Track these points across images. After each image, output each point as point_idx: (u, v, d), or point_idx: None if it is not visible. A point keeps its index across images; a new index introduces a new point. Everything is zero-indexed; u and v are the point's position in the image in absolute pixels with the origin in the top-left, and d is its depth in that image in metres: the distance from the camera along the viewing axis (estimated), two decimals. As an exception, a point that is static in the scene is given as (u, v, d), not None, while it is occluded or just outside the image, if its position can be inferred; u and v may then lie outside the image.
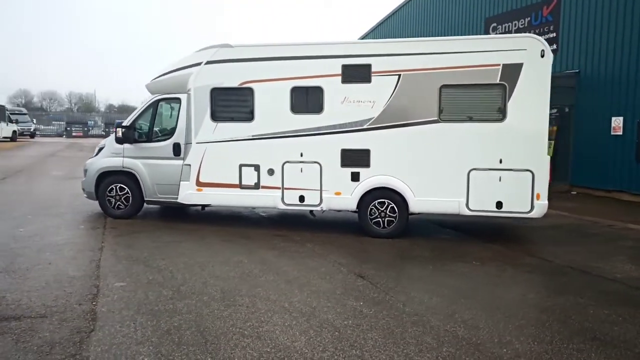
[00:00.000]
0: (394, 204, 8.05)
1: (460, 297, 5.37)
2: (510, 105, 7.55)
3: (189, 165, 8.59)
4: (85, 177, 9.37)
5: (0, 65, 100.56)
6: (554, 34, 15.11)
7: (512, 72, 7.51)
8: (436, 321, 4.67)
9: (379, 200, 8.10)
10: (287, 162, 8.26)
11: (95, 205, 9.48)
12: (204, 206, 9.36)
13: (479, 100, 7.75)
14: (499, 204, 7.70)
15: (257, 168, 8.38)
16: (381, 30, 25.03)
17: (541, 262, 6.91)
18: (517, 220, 9.07)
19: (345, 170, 8.13)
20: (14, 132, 36.22)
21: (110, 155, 9.18)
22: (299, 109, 8.18)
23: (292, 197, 8.32)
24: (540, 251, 7.54)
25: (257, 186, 8.42)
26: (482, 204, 7.77)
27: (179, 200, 8.72)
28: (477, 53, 7.63)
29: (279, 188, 8.34)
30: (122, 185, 9.08)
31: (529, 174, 7.57)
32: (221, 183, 8.53)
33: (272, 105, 8.25)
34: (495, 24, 17.56)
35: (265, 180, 8.38)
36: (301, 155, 8.23)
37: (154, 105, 9.03)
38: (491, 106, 7.69)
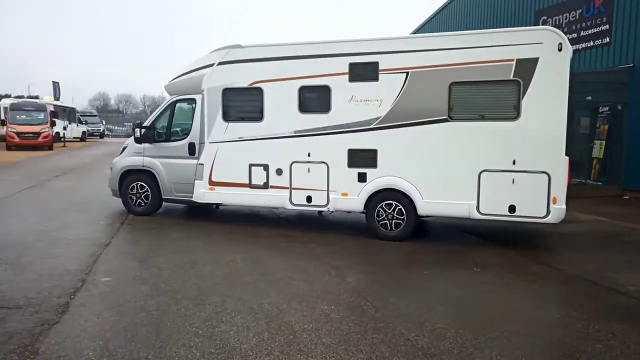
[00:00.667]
0: (402, 206, 7.80)
1: (441, 304, 5.11)
2: (524, 102, 7.09)
3: (202, 164, 8.75)
4: (111, 175, 9.81)
5: (82, 71, 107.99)
6: (607, 26, 14.09)
7: (526, 67, 7.06)
8: (402, 329, 4.47)
9: (386, 202, 7.88)
10: (295, 162, 8.23)
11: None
12: (217, 205, 9.53)
13: (491, 97, 7.34)
14: (512, 208, 7.25)
15: (266, 168, 8.41)
16: (430, 26, 24.43)
17: (550, 271, 6.45)
18: (546, 226, 8.47)
19: (352, 171, 7.97)
20: (84, 132, 38.71)
21: (133, 154, 9.55)
22: (306, 108, 8.12)
23: (299, 198, 8.27)
24: (554, 259, 7.04)
25: (265, 186, 8.44)
26: (493, 207, 7.36)
27: (193, 199, 8.91)
28: (489, 48, 7.23)
29: (287, 188, 8.32)
30: (142, 184, 9.43)
31: (545, 176, 7.08)
32: (232, 182, 8.63)
33: (280, 105, 8.25)
34: (545, 17, 16.64)
35: (274, 180, 8.39)
36: (309, 155, 8.16)
37: (172, 106, 9.30)
38: (504, 104, 7.27)
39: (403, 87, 7.60)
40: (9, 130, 27.40)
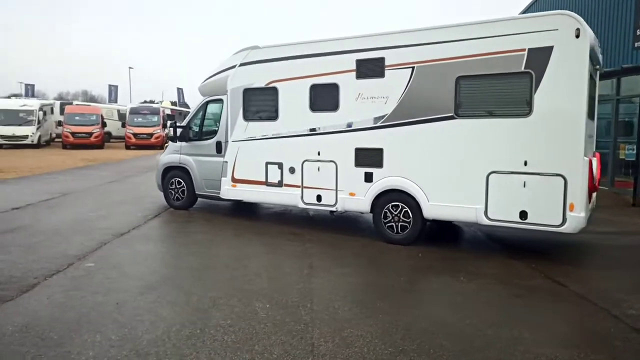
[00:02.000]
0: (408, 208, 7.41)
1: (384, 313, 4.79)
2: (537, 97, 6.35)
3: (227, 162, 9.07)
4: (156, 171, 10.57)
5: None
6: None
7: (539, 57, 6.31)
8: (316, 333, 4.29)
9: (393, 204, 7.54)
10: (306, 160, 8.19)
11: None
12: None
13: (500, 92, 6.69)
14: (523, 214, 6.53)
15: (280, 166, 8.48)
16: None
17: (550, 286, 5.70)
18: (596, 237, 7.64)
19: (359, 170, 7.74)
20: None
21: (172, 152, 10.21)
22: (317, 107, 8.05)
23: (310, 196, 8.22)
24: (569, 273, 6.17)
25: (280, 184, 8.52)
26: (502, 212, 6.68)
27: (220, 195, 9.27)
28: (498, 38, 6.59)
29: (299, 186, 8.32)
30: (179, 179, 10.03)
31: (560, 179, 6.27)
32: (251, 180, 8.83)
33: (293, 104, 8.27)
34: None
35: (288, 178, 8.43)
36: (318, 154, 8.08)
37: (204, 106, 9.78)
38: (515, 99, 6.58)
39: (409, 83, 7.22)
40: (127, 132, 30.68)
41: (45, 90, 77.04)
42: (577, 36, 6.09)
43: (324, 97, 7.98)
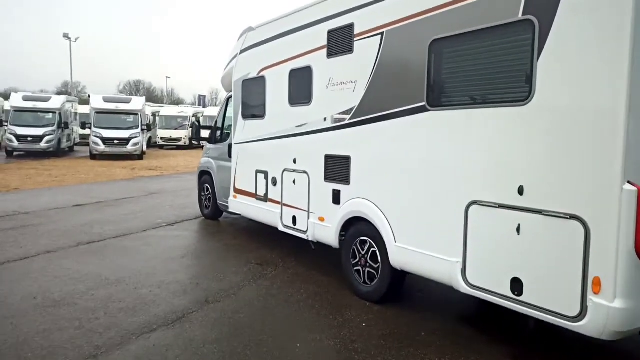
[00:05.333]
0: (376, 246, 4.93)
1: None
2: (541, 67, 3.36)
3: (231, 168, 7.68)
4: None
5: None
6: None
7: (547, -7, 3.33)
8: None
9: (361, 238, 5.13)
10: (286, 169, 6.27)
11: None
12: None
13: (487, 61, 3.78)
14: (517, 284, 3.56)
15: (266, 175, 6.72)
16: None
17: None
18: None
19: (328, 187, 5.51)
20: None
21: (204, 155, 9.22)
22: (295, 99, 6.07)
23: (288, 217, 6.26)
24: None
25: (265, 198, 6.74)
26: (487, 276, 3.78)
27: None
28: (485, -33, 3.75)
29: (279, 203, 6.44)
30: (207, 185, 8.97)
31: (578, 225, 3.18)
32: (245, 191, 7.26)
33: (277, 97, 6.43)
34: None
35: (271, 191, 6.62)
36: (294, 161, 6.09)
37: (225, 103, 8.50)
38: (506, 72, 3.63)
39: (377, 58, 4.77)
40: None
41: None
42: (613, -61, 2.96)
43: (300, 86, 5.97)
